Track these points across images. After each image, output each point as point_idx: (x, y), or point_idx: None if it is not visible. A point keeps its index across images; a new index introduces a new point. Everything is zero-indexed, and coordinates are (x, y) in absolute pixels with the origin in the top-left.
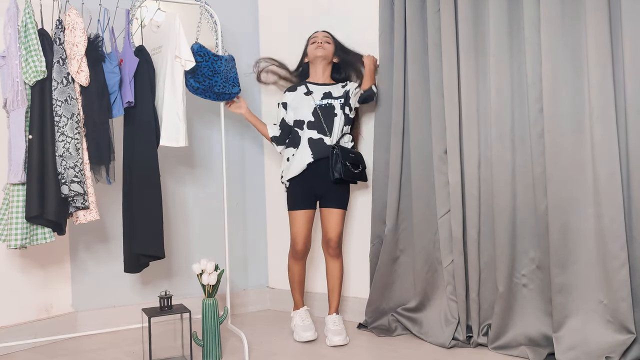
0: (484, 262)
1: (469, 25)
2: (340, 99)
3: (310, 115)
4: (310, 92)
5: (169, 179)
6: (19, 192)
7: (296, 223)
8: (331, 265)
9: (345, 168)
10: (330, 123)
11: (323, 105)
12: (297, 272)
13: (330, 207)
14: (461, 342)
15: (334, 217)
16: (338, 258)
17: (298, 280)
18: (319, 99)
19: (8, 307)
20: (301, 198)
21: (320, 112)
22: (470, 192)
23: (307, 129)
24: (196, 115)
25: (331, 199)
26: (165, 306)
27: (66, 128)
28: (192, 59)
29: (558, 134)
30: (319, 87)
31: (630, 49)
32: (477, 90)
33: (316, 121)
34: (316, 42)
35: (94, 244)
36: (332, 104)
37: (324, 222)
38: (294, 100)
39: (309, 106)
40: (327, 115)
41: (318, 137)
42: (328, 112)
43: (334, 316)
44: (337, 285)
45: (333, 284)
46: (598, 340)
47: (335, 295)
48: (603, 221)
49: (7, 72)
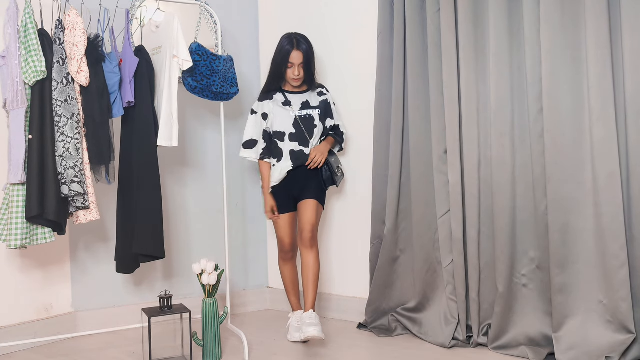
0: (484, 262)
1: (469, 25)
2: (318, 109)
3: (291, 126)
4: (289, 103)
5: (169, 179)
6: (19, 192)
7: (280, 227)
8: (305, 256)
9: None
10: (311, 134)
11: (303, 116)
12: (289, 274)
13: (304, 199)
14: (461, 342)
15: (308, 207)
16: (312, 249)
17: (291, 282)
18: (297, 109)
19: (8, 307)
20: (282, 203)
21: (300, 124)
22: (470, 192)
23: (289, 141)
24: (196, 116)
25: (307, 192)
26: (165, 306)
27: (66, 128)
28: (189, 59)
29: (558, 134)
30: (296, 97)
31: (630, 48)
32: (477, 90)
33: (297, 133)
34: (293, 69)
35: (94, 244)
36: (311, 114)
37: (299, 215)
38: (272, 110)
39: (288, 117)
40: (307, 126)
41: (299, 149)
42: (308, 123)
43: (310, 312)
44: (313, 279)
45: (307, 278)
46: (598, 340)
47: (310, 289)
48: (603, 221)
49: (7, 72)
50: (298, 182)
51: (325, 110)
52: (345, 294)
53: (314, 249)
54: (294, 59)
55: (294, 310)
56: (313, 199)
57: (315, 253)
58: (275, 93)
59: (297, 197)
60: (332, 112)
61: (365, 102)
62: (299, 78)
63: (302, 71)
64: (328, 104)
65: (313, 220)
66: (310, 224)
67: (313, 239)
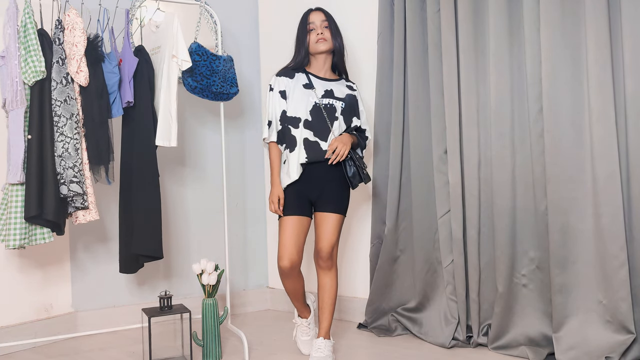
0: (484, 262)
1: (469, 25)
2: (342, 101)
3: (307, 113)
4: (312, 87)
5: (170, 179)
6: (18, 192)
7: (285, 232)
8: (322, 279)
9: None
10: (330, 126)
11: (324, 104)
12: (290, 287)
13: (325, 211)
14: (461, 342)
15: (329, 222)
16: (330, 271)
17: (293, 293)
18: (319, 95)
19: (8, 307)
20: (294, 202)
21: (319, 112)
22: (470, 192)
23: (304, 128)
24: (196, 116)
25: (327, 202)
26: (165, 306)
27: (65, 128)
28: (188, 59)
29: (558, 134)
30: (320, 82)
31: (630, 48)
32: (477, 90)
33: (314, 121)
34: (315, 30)
35: (93, 244)
36: (333, 105)
37: (316, 229)
38: (292, 89)
39: (307, 102)
40: (328, 116)
41: (314, 140)
42: (329, 113)
43: (321, 341)
44: (329, 304)
45: (323, 302)
46: (598, 340)
47: (325, 314)
48: (603, 221)
49: (6, 72)
50: (314, 182)
51: (351, 106)
52: (345, 294)
53: (333, 270)
54: (313, 18)
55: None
56: (334, 212)
57: (333, 275)
58: (297, 71)
59: (314, 201)
60: (358, 112)
61: (365, 102)
62: (324, 38)
63: (327, 32)
64: (356, 101)
65: (334, 239)
66: (330, 244)
67: (331, 259)
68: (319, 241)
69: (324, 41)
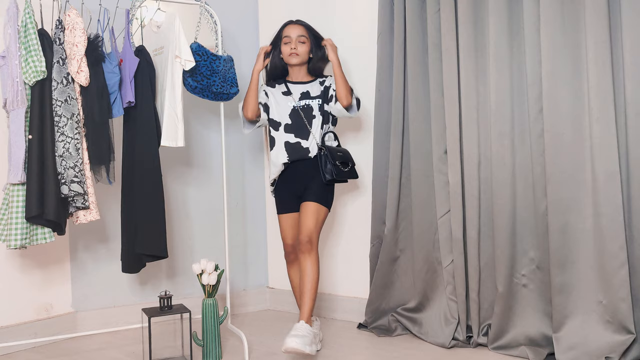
0: (483, 262)
1: (468, 26)
2: (318, 98)
3: (287, 117)
4: (290, 93)
5: (169, 179)
6: (19, 192)
7: (283, 227)
8: (302, 262)
9: (337, 168)
10: (309, 126)
11: (301, 106)
12: (294, 277)
13: (308, 201)
14: (461, 342)
15: (310, 210)
16: (310, 254)
17: (297, 286)
18: (297, 99)
19: (8, 307)
20: (286, 201)
21: (298, 115)
22: (470, 192)
23: (284, 132)
24: (196, 116)
25: (309, 194)
26: (165, 306)
27: (66, 128)
28: (191, 59)
29: (558, 134)
30: (297, 87)
31: (630, 49)
32: (477, 90)
33: (294, 124)
34: (289, 44)
35: (94, 244)
36: (310, 105)
37: (300, 217)
38: (272, 97)
39: (286, 107)
40: (306, 117)
41: (295, 141)
42: (306, 114)
43: (300, 324)
44: (309, 288)
45: (304, 284)
46: (598, 340)
47: (305, 297)
48: (602, 221)
49: (7, 72)
50: (300, 180)
51: (324, 95)
52: (345, 294)
53: (312, 255)
54: (289, 32)
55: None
56: (313, 201)
57: (313, 259)
58: (278, 83)
59: (301, 196)
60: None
61: (365, 102)
62: (295, 52)
63: (300, 47)
64: (327, 88)
65: (310, 225)
66: (307, 228)
67: (309, 243)
68: (300, 227)
69: (296, 56)
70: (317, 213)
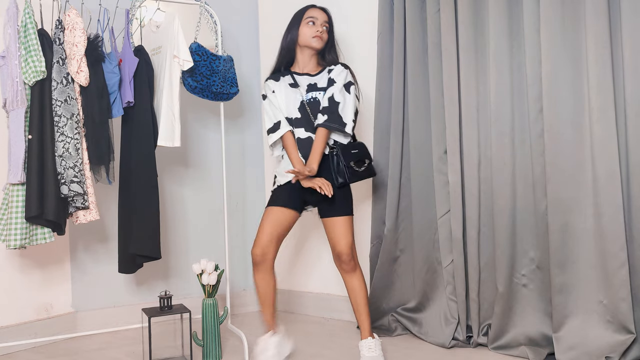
0: (483, 262)
1: (468, 26)
2: (325, 90)
3: (296, 111)
4: (297, 85)
5: (169, 180)
6: (19, 192)
7: (265, 221)
8: (349, 281)
9: (350, 170)
10: (314, 121)
11: (309, 99)
12: (262, 282)
13: (332, 216)
14: (461, 342)
15: (340, 226)
16: (355, 271)
17: (264, 294)
18: (304, 92)
19: (8, 307)
20: (284, 196)
21: (306, 108)
22: (470, 192)
23: (295, 127)
24: (196, 116)
25: (331, 207)
26: (165, 306)
27: (66, 128)
28: (190, 59)
29: (558, 134)
30: (304, 78)
31: (630, 48)
32: (477, 90)
33: (303, 118)
34: (315, 26)
35: (93, 244)
36: (317, 98)
37: (329, 235)
38: (279, 91)
39: (295, 100)
40: (313, 111)
41: (306, 136)
42: (314, 107)
43: (369, 340)
44: (363, 304)
45: (357, 305)
46: (598, 340)
47: (361, 317)
48: (603, 221)
49: (6, 72)
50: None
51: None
52: (345, 294)
53: (357, 271)
54: (316, 14)
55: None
56: (339, 215)
57: (359, 275)
58: (283, 75)
59: (314, 204)
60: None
61: (365, 102)
62: (320, 37)
63: (325, 33)
64: (332, 80)
65: (350, 240)
66: (348, 246)
67: (353, 260)
68: (336, 245)
69: (320, 40)
70: (348, 226)
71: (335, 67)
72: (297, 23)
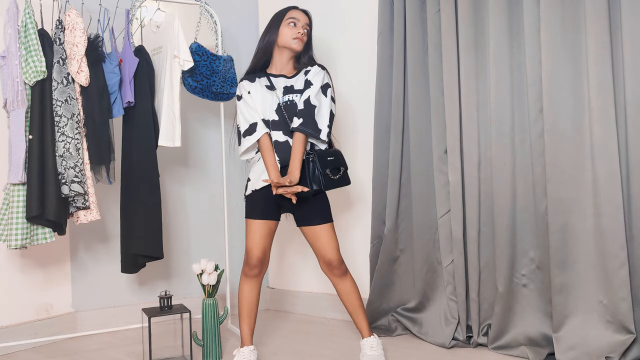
0: (483, 262)
1: (469, 25)
2: (301, 93)
3: (273, 113)
4: (273, 87)
5: (170, 180)
6: (19, 192)
7: (252, 234)
8: (342, 287)
9: (326, 178)
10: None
11: (286, 102)
12: (248, 294)
13: (314, 225)
14: (461, 342)
15: (324, 234)
16: (345, 276)
17: (247, 305)
18: (281, 94)
19: (8, 307)
20: (261, 206)
21: (283, 111)
22: (470, 192)
23: (272, 130)
24: (196, 116)
25: (311, 215)
26: (165, 306)
27: (66, 128)
28: (190, 59)
29: (558, 134)
30: (280, 80)
31: (630, 48)
32: (477, 90)
33: (280, 121)
34: (296, 27)
35: (94, 244)
36: (294, 100)
37: (313, 244)
38: (255, 92)
39: (272, 102)
40: (290, 114)
41: (284, 140)
42: (290, 110)
43: (371, 339)
44: (358, 306)
45: (353, 307)
46: (598, 340)
47: (359, 317)
48: (603, 221)
49: (7, 72)
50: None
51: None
52: None
53: (348, 275)
54: (297, 15)
55: (243, 344)
56: (323, 223)
57: (350, 278)
58: (258, 76)
59: (291, 211)
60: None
61: (365, 102)
62: (301, 38)
63: (305, 35)
64: (309, 81)
65: (334, 248)
66: (336, 252)
67: (343, 264)
68: (325, 254)
69: (300, 42)
70: (332, 233)
71: (312, 69)
72: (278, 24)
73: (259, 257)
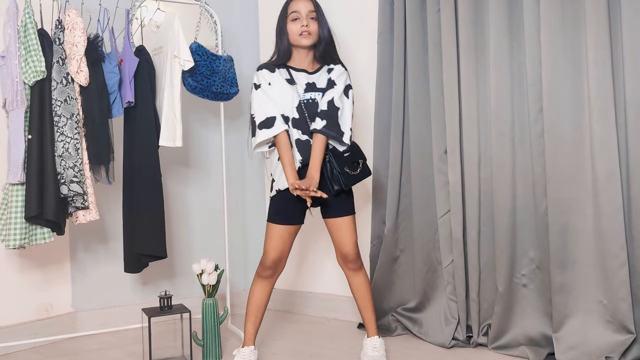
0: (483, 262)
1: (469, 25)
2: (323, 92)
3: (294, 110)
4: (294, 82)
5: (169, 179)
6: (18, 192)
7: (272, 238)
8: (355, 280)
9: (345, 176)
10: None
11: (307, 100)
12: (258, 294)
13: (336, 217)
14: (461, 342)
15: (344, 226)
16: (360, 270)
17: (255, 305)
18: (302, 91)
19: (8, 307)
20: (286, 211)
21: (304, 109)
22: (470, 192)
23: (293, 128)
24: (196, 116)
25: (334, 207)
26: (165, 306)
27: (65, 128)
28: (190, 59)
29: (558, 134)
30: (302, 75)
31: (630, 48)
32: (477, 90)
33: (300, 119)
34: (299, 20)
35: (93, 244)
36: (315, 99)
37: (333, 235)
38: (275, 85)
39: (292, 98)
40: (310, 113)
41: (305, 139)
42: (311, 109)
43: (374, 339)
44: (368, 301)
45: (363, 302)
46: (598, 340)
47: (368, 313)
48: (603, 221)
49: (6, 72)
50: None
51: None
52: (345, 294)
53: (362, 270)
54: (298, 6)
55: (245, 344)
56: (346, 215)
57: (364, 273)
58: (278, 67)
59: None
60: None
61: (365, 102)
62: (308, 30)
63: (313, 25)
64: (332, 81)
65: (354, 241)
66: (354, 246)
67: (359, 259)
68: (343, 246)
69: (308, 35)
70: (352, 226)
71: (335, 68)
72: (284, 21)
73: (275, 260)
